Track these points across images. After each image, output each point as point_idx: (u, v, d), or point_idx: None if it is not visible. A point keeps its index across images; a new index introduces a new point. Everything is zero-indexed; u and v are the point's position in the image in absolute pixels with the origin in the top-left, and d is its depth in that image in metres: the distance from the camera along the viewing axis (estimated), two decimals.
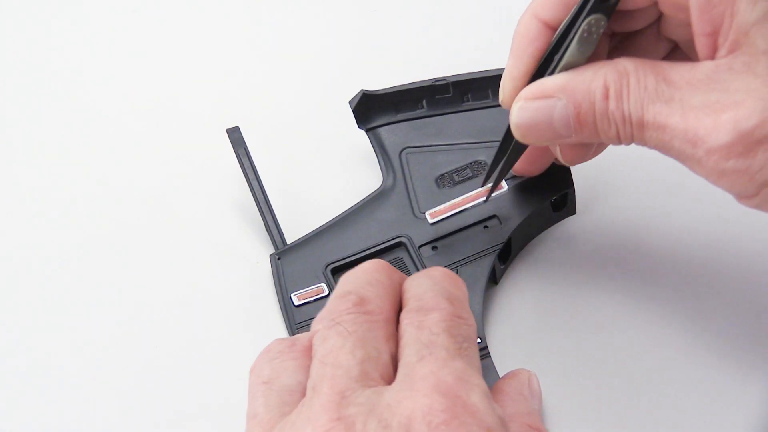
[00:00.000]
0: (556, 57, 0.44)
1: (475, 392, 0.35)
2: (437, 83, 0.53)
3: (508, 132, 0.46)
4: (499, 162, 0.48)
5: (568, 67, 0.44)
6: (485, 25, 0.60)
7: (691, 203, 0.52)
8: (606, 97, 0.42)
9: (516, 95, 0.45)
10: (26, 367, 0.51)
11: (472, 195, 0.50)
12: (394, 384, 0.36)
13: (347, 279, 0.41)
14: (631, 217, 0.52)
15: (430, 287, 0.39)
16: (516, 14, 0.45)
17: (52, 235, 0.55)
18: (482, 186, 0.50)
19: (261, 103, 0.59)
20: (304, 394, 0.38)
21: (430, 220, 0.50)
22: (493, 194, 0.50)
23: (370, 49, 0.61)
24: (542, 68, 0.45)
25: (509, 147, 0.47)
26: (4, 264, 0.54)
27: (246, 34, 0.63)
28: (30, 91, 0.61)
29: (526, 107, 0.44)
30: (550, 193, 0.51)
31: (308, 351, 0.40)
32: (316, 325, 0.39)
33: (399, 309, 0.40)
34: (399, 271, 0.41)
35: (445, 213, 0.50)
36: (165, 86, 0.61)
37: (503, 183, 0.50)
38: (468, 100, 0.53)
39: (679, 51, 0.46)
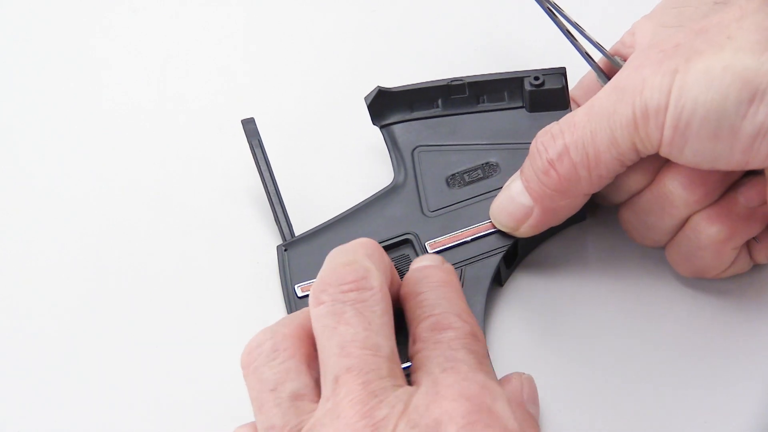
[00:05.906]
0: None
1: (499, 400, 0.37)
2: (453, 83, 0.53)
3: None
4: None
5: None
6: (503, 28, 0.60)
7: None
8: None
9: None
10: (29, 361, 0.51)
11: (473, 229, 0.50)
12: (419, 390, 0.37)
13: (344, 249, 0.41)
14: None
15: (436, 298, 0.41)
16: (532, 16, 0.44)
17: (60, 226, 0.55)
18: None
19: (277, 96, 0.59)
20: (314, 393, 0.38)
21: (430, 251, 0.50)
22: None
23: (388, 47, 0.61)
24: None
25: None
26: (7, 254, 0.55)
27: (266, 27, 0.63)
28: (42, 81, 0.62)
29: None
30: None
31: (305, 335, 0.39)
32: (320, 295, 0.39)
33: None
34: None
35: (445, 244, 0.50)
36: (182, 76, 0.61)
37: None
38: (483, 102, 0.53)
39: None
